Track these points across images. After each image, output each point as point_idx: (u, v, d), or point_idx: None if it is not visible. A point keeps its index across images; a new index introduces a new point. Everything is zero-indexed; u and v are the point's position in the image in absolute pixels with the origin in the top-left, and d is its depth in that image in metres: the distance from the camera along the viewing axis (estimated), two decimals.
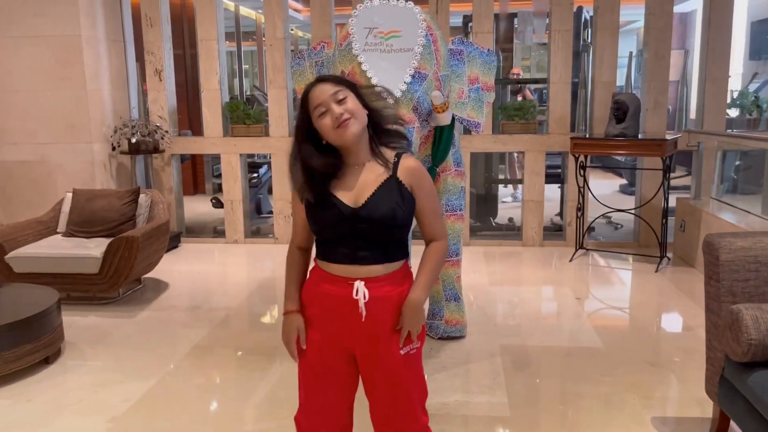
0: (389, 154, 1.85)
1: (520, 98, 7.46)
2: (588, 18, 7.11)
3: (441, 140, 3.64)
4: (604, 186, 8.65)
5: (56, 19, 5.63)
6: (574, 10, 6.00)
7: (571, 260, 5.66)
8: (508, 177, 8.46)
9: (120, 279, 4.48)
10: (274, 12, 6.09)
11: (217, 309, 4.58)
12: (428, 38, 3.24)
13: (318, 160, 1.78)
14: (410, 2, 3.28)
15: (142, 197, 5.04)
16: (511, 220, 7.15)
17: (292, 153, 1.81)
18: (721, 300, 2.48)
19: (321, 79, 1.79)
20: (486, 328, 4.08)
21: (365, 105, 1.80)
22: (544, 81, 6.48)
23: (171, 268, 5.52)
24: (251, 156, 7.22)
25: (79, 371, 3.54)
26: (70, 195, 5.09)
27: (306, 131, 1.79)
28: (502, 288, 4.96)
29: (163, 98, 6.31)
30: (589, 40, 6.97)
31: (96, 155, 5.88)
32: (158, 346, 3.88)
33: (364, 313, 1.79)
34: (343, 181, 1.81)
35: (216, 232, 6.88)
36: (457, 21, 7.41)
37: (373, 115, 1.82)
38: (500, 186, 7.61)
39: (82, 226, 4.90)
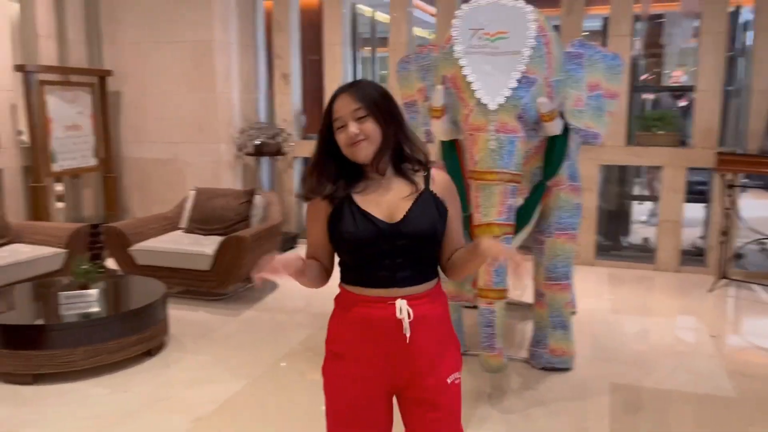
0: (415, 172, 1.72)
1: (684, 103, 6.74)
2: (747, 19, 6.33)
3: (554, 151, 3.33)
4: (762, 208, 7.69)
5: (192, 25, 5.92)
6: (730, 10, 5.34)
7: (711, 290, 5.02)
8: (648, 192, 7.76)
9: (230, 277, 4.58)
10: (398, 15, 6.01)
11: (322, 313, 4.53)
12: (539, 40, 2.95)
13: (335, 169, 1.68)
14: (521, 1, 3.00)
15: (258, 198, 5.14)
16: (646, 240, 6.53)
17: (313, 158, 1.71)
18: None
19: (345, 90, 1.67)
20: (597, 362, 3.68)
21: (390, 127, 1.67)
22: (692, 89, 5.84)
23: None
24: None
25: (176, 366, 3.62)
26: (193, 193, 5.31)
27: (328, 138, 1.68)
28: (624, 317, 4.49)
29: (288, 102, 6.44)
30: (747, 44, 6.21)
31: (222, 155, 6.11)
32: (257, 346, 3.89)
33: (408, 334, 1.63)
34: (368, 196, 1.68)
35: None
36: (593, 24, 6.92)
37: (399, 138, 1.70)
38: (634, 203, 6.96)
39: (201, 223, 5.09)
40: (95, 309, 3.58)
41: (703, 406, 3.16)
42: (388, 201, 1.67)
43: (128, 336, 3.52)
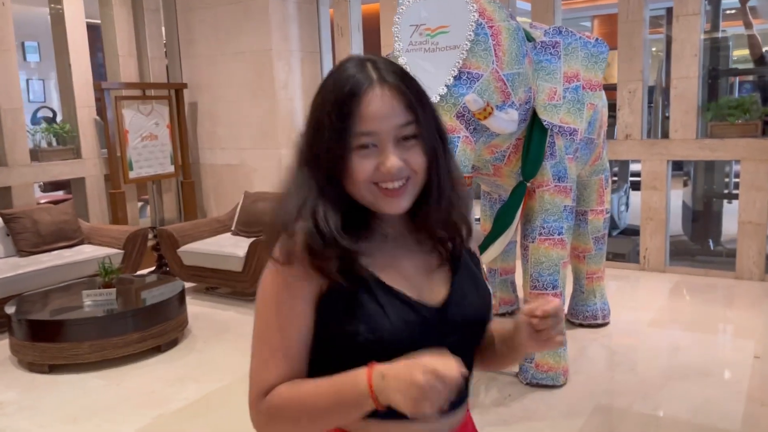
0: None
1: None
2: None
3: (529, 150, 3.08)
4: None
5: (252, 36, 6.19)
6: None
7: None
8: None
9: (258, 278, 4.73)
10: None
11: None
12: (483, 32, 2.73)
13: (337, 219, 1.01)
14: None
15: None
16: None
17: (292, 192, 1.05)
18: None
19: (385, 79, 1.00)
20: (596, 381, 3.32)
21: (436, 151, 1.05)
22: None
23: None
24: None
25: (176, 363, 3.81)
26: (242, 197, 5.55)
27: (335, 160, 1.01)
28: (661, 331, 4.00)
29: None
30: None
31: (283, 159, 6.32)
32: None
33: None
34: (382, 261, 1.05)
35: None
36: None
37: (437, 168, 1.05)
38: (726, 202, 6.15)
39: (246, 226, 5.32)
40: (112, 306, 3.89)
41: None
42: (410, 269, 1.07)
43: (131, 333, 3.77)
